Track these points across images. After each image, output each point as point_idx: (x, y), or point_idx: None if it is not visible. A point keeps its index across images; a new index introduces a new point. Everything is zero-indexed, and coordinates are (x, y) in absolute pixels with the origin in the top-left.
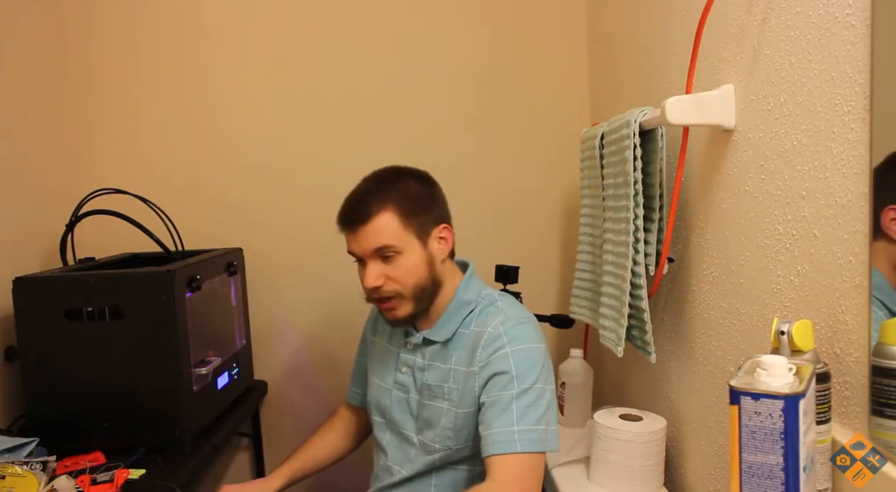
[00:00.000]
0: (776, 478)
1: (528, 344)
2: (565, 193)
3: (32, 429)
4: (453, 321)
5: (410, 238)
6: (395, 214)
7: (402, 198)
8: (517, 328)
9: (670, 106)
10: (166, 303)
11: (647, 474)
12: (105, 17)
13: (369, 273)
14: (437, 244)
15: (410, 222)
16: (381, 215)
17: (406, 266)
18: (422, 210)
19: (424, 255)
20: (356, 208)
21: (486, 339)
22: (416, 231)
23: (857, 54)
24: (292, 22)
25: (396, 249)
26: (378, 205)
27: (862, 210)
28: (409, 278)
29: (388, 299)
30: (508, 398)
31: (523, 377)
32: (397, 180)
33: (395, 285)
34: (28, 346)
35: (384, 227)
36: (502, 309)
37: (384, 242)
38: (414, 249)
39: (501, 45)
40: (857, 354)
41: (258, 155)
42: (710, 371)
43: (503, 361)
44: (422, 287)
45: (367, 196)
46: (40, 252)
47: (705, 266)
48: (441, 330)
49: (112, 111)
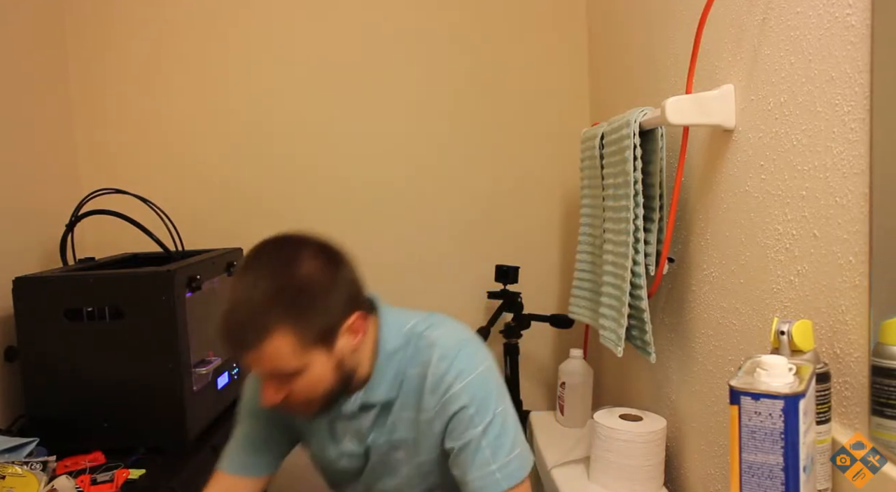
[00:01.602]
0: (776, 478)
1: (475, 370)
2: (565, 193)
3: (32, 429)
4: (388, 376)
5: (310, 351)
6: (290, 332)
7: (295, 304)
8: (458, 358)
9: (670, 106)
10: (166, 303)
11: (647, 474)
12: (106, 16)
13: (266, 391)
14: (346, 340)
15: (308, 336)
16: (272, 339)
17: (310, 381)
18: (323, 311)
19: (332, 360)
20: (238, 333)
21: (431, 383)
22: (319, 340)
23: (857, 54)
24: (294, 21)
25: (295, 370)
26: (265, 325)
27: (862, 210)
28: (314, 391)
29: (293, 409)
30: (477, 437)
31: (483, 410)
32: (288, 274)
33: (299, 398)
34: (28, 346)
35: (276, 352)
36: (435, 341)
37: (280, 365)
38: (318, 360)
39: (502, 46)
40: (857, 354)
41: (258, 155)
42: (710, 371)
43: (457, 399)
44: (332, 391)
45: (251, 314)
46: (40, 252)
47: (705, 266)
48: (377, 390)
49: (112, 111)
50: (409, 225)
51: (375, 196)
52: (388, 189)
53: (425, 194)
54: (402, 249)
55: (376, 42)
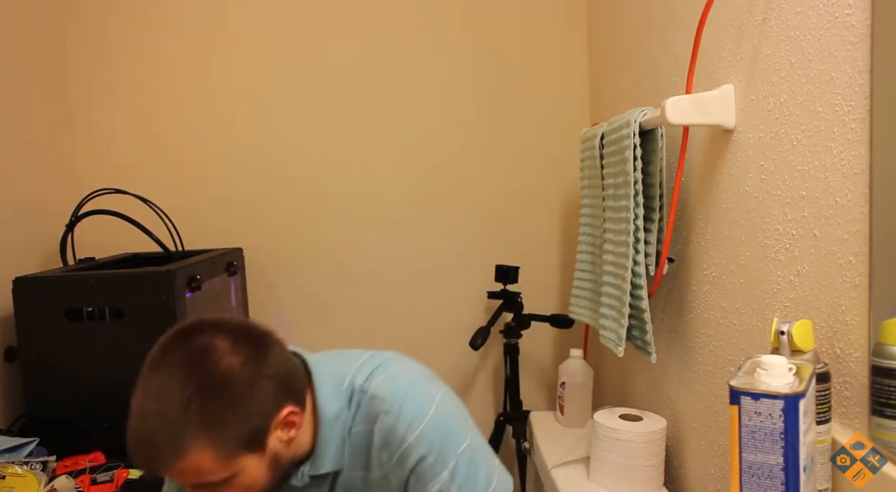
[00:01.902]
0: (776, 478)
1: (427, 415)
2: (565, 193)
3: (32, 429)
4: (333, 444)
5: (238, 459)
6: (208, 446)
7: (211, 412)
8: (405, 407)
9: (670, 106)
10: (166, 303)
11: (647, 474)
12: (106, 17)
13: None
14: (279, 435)
15: (233, 443)
16: (188, 457)
17: (244, 484)
18: (247, 414)
19: (264, 461)
20: (148, 453)
21: (379, 439)
22: (246, 446)
23: (857, 54)
24: (295, 23)
25: (224, 479)
26: (179, 444)
27: (862, 210)
28: (253, 488)
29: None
30: (445, 487)
31: (444, 457)
32: (202, 375)
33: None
34: (28, 346)
35: (197, 468)
36: (376, 392)
37: (204, 480)
38: (248, 464)
39: (502, 46)
40: (857, 354)
41: (258, 155)
42: (710, 371)
43: (413, 451)
44: (275, 482)
45: (161, 432)
46: (40, 252)
47: (705, 266)
48: (324, 461)
49: (112, 111)
50: (409, 225)
51: (375, 196)
52: (388, 189)
53: (425, 194)
54: (402, 248)
55: (376, 42)
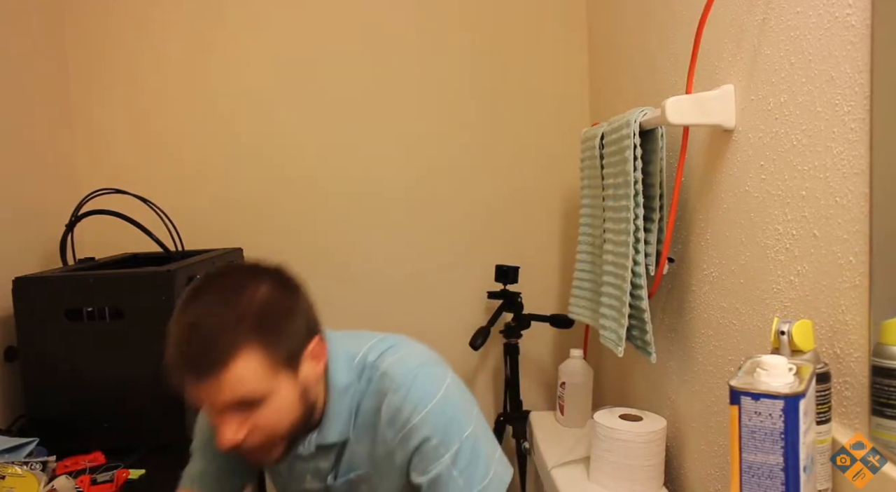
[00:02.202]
0: (776, 478)
1: (434, 397)
2: (565, 193)
3: (32, 429)
4: (342, 415)
5: (278, 376)
6: (259, 350)
7: (263, 323)
8: (414, 387)
9: (670, 106)
10: (166, 303)
11: (647, 474)
12: (106, 17)
13: (226, 428)
14: (309, 367)
15: (278, 356)
16: (241, 359)
17: (276, 411)
18: (288, 332)
19: (297, 388)
20: (203, 349)
21: (386, 416)
22: (285, 363)
23: (857, 54)
24: (295, 23)
25: (263, 397)
26: (234, 343)
27: (862, 210)
28: (281, 423)
29: (254, 451)
30: (446, 470)
31: (448, 440)
32: (251, 292)
33: (262, 435)
34: (28, 346)
35: (245, 373)
36: (387, 370)
37: (245, 391)
38: (284, 386)
39: (502, 46)
40: (857, 354)
41: (258, 155)
42: (710, 371)
43: (417, 432)
44: (298, 423)
45: (217, 331)
46: (40, 252)
47: (705, 266)
48: (331, 430)
49: (112, 111)
50: (409, 225)
51: (375, 196)
52: (388, 189)
53: (425, 195)
54: (402, 248)
55: (376, 43)
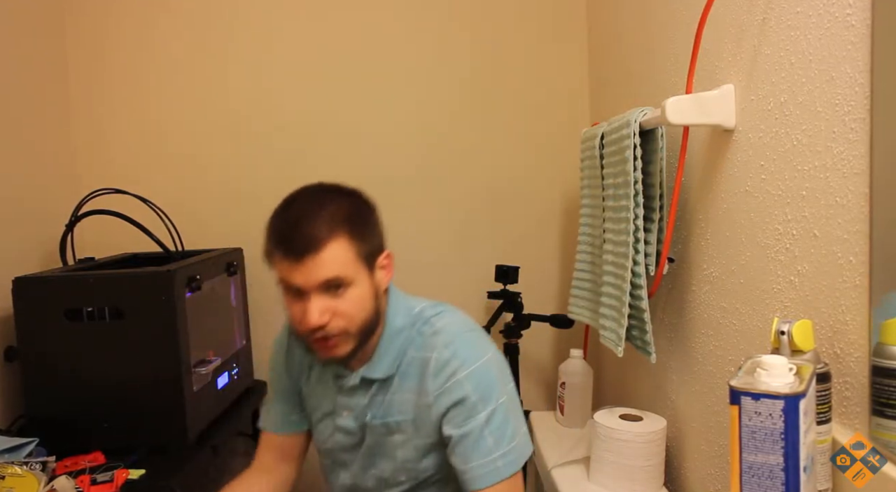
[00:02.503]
0: (776, 478)
1: (480, 359)
2: (565, 193)
3: (32, 429)
4: (391, 353)
5: (360, 268)
6: (349, 240)
7: (352, 220)
8: (464, 346)
9: (670, 106)
10: (166, 303)
11: (647, 474)
12: (105, 16)
13: (313, 308)
14: (381, 275)
15: (361, 250)
16: (335, 241)
17: (355, 300)
18: (369, 233)
19: (371, 287)
20: (304, 231)
21: (435, 366)
22: (366, 260)
23: (858, 54)
24: (295, 21)
25: (348, 281)
26: (330, 229)
27: (862, 210)
28: (358, 313)
29: (331, 338)
30: (479, 427)
31: (486, 399)
32: (342, 199)
33: (342, 322)
34: (28, 346)
35: (337, 255)
36: (441, 328)
37: (336, 272)
38: (363, 279)
39: (502, 46)
40: (857, 354)
41: (258, 155)
42: (711, 371)
43: (460, 387)
44: (368, 322)
45: (316, 218)
46: (40, 252)
47: (705, 266)
48: (379, 366)
49: (112, 111)
50: (410, 225)
51: (376, 196)
52: (389, 189)
53: (426, 195)
54: (402, 248)
55: (376, 42)
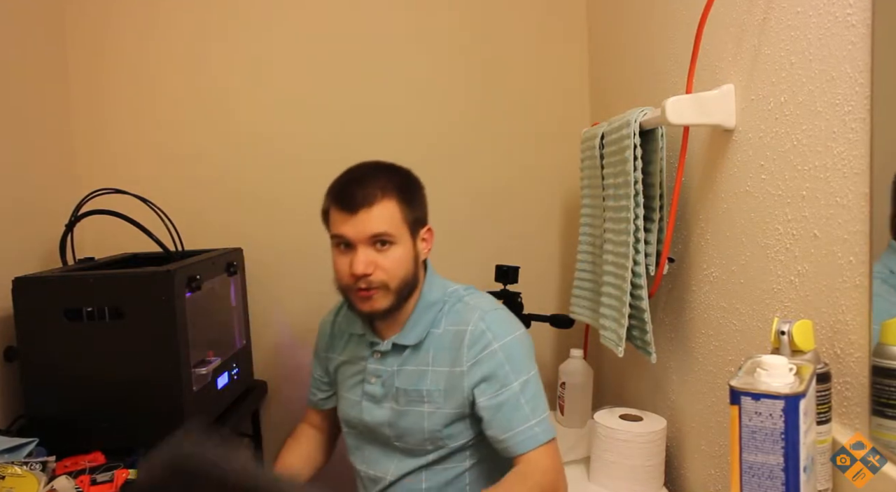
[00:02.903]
0: (776, 478)
1: (512, 334)
2: (565, 193)
3: (32, 429)
4: (423, 323)
5: (405, 230)
6: (398, 203)
7: (402, 189)
8: (497, 321)
9: (670, 106)
10: (166, 303)
11: (647, 474)
12: (106, 16)
13: (360, 258)
14: (422, 245)
15: (408, 215)
16: (386, 201)
17: (397, 258)
18: (416, 206)
19: (413, 251)
20: (361, 189)
21: (470, 337)
22: (410, 225)
23: (858, 54)
24: (294, 21)
25: (393, 239)
26: (383, 191)
27: (862, 210)
28: (398, 270)
29: (372, 289)
30: (514, 396)
31: (519, 370)
32: (395, 172)
33: (384, 276)
34: (28, 346)
35: (387, 213)
36: (474, 305)
37: (384, 228)
38: (406, 241)
39: (502, 46)
40: (857, 354)
41: (259, 155)
42: (711, 371)
43: (494, 358)
44: (406, 282)
45: (373, 181)
46: (40, 252)
47: (705, 266)
48: (411, 333)
49: (112, 111)
50: None
51: None
52: None
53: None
54: None
55: (376, 42)
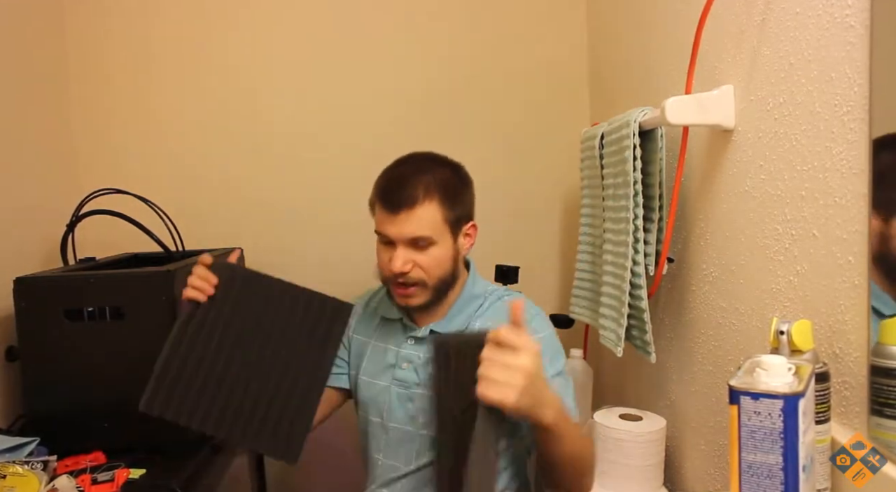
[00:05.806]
0: (776, 478)
1: (547, 329)
2: (565, 193)
3: (33, 429)
4: (464, 314)
5: (445, 231)
6: (439, 205)
7: (446, 189)
8: (535, 318)
9: (670, 106)
10: (166, 303)
11: (646, 474)
12: (105, 16)
13: (398, 257)
14: (463, 240)
15: (449, 216)
16: (427, 204)
17: (436, 257)
18: (459, 205)
19: (453, 249)
20: (404, 191)
21: None
22: (452, 225)
23: (857, 55)
24: (293, 20)
25: (432, 241)
26: (426, 193)
27: (861, 210)
28: (435, 270)
29: (410, 285)
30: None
31: (555, 362)
32: (443, 169)
33: (421, 274)
34: (29, 346)
35: (427, 217)
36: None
37: (423, 232)
38: (446, 241)
39: (501, 45)
40: (856, 354)
41: (259, 155)
42: (710, 371)
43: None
44: (444, 280)
45: (416, 181)
46: (41, 252)
47: (705, 266)
48: (451, 323)
49: (112, 111)
50: None
51: None
52: None
53: None
54: None
55: (376, 42)
